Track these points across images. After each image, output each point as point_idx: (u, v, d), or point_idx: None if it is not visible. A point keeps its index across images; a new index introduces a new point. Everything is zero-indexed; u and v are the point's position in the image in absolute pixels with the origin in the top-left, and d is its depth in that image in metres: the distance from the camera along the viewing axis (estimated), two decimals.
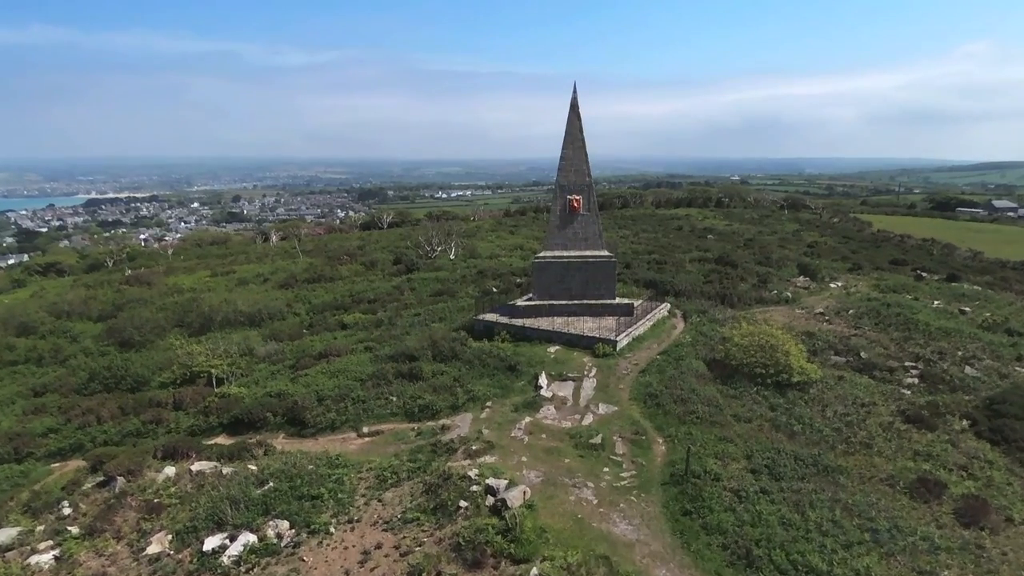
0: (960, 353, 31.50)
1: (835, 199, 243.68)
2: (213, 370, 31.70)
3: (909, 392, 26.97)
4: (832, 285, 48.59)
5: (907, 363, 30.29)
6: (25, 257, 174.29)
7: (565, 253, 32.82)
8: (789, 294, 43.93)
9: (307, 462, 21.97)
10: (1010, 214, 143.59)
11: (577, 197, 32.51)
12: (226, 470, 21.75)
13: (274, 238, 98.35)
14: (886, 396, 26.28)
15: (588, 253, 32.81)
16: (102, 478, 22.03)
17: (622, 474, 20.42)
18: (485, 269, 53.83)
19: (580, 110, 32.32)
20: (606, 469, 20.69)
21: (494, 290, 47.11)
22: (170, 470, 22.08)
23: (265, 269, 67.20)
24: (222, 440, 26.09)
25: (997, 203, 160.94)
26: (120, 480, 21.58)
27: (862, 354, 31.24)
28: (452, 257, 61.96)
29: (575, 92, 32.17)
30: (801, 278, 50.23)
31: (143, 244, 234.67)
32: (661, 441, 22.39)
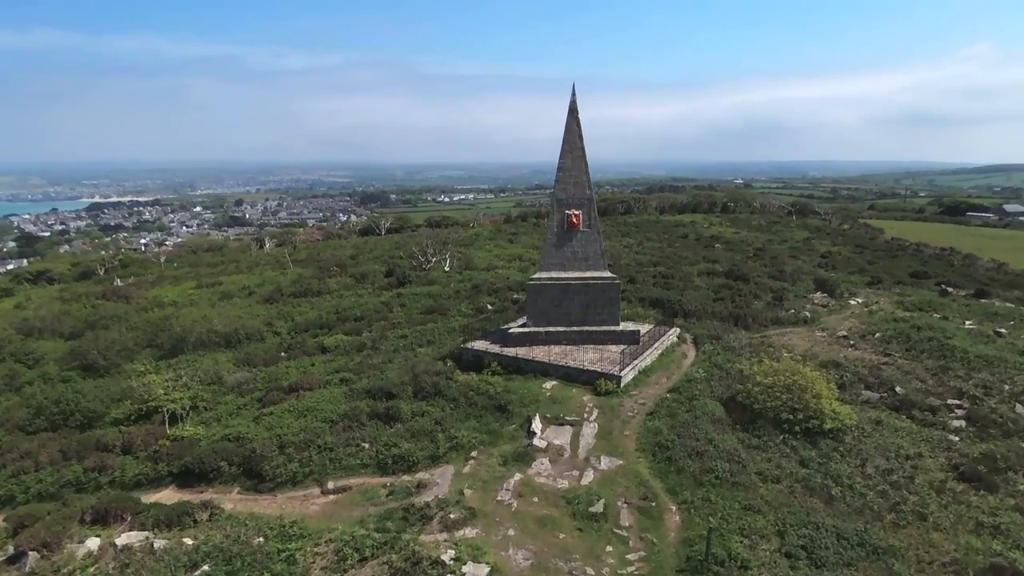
0: (1007, 387, 27.81)
1: (840, 203, 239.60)
2: (172, 405, 28.23)
3: (958, 439, 23.32)
4: (852, 302, 44.91)
5: (950, 400, 26.62)
6: (24, 262, 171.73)
7: (563, 274, 29.27)
8: (807, 313, 40.24)
9: (256, 533, 18.46)
10: (1022, 219, 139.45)
11: (576, 212, 28.95)
12: (158, 543, 18.23)
13: (268, 245, 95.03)
14: (932, 445, 22.64)
15: (589, 274, 29.24)
16: (12, 552, 18.57)
17: (628, 555, 16.86)
18: (481, 283, 50.27)
19: (580, 114, 28.80)
20: (609, 548, 17.13)
21: (489, 308, 43.59)
22: (93, 542, 18.58)
23: (252, 281, 63.76)
24: (168, 495, 22.61)
25: (1008, 207, 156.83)
26: (32, 556, 18.11)
27: (897, 389, 27.60)
28: (447, 269, 58.46)
29: (574, 95, 28.64)
30: (818, 294, 46.53)
31: (143, 249, 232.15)
32: (674, 509, 18.79)
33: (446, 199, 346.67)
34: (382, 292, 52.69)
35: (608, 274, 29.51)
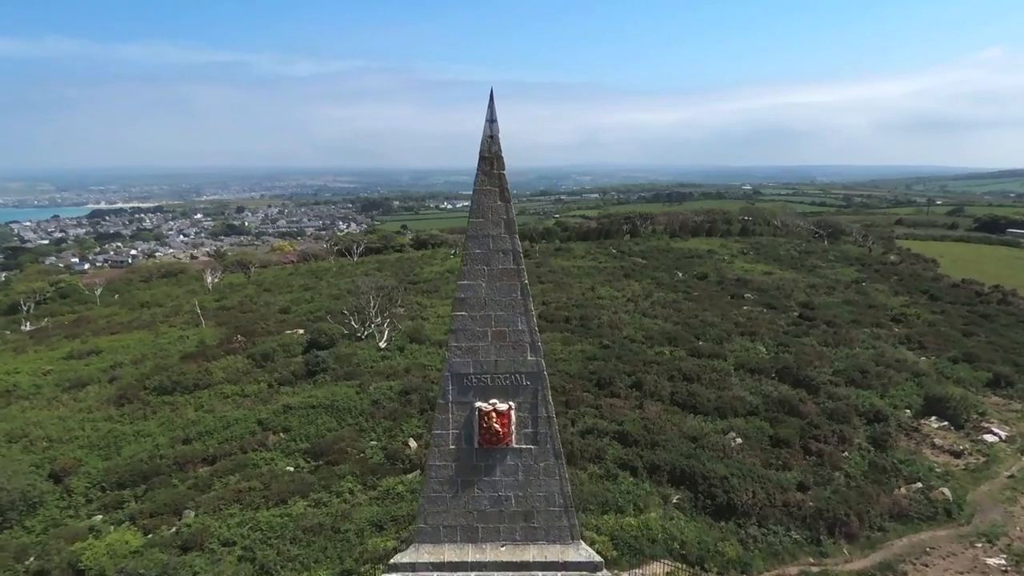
0: None
1: (856, 209, 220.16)
2: None
3: None
4: (991, 438, 27.02)
5: None
6: (2, 276, 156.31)
7: (470, 557, 11.67)
8: (946, 490, 22.31)
9: None
10: None
11: (504, 406, 11.30)
12: None
13: (210, 278, 77.88)
14: None
15: (534, 557, 11.61)
16: None
17: None
18: (415, 387, 32.52)
19: (503, 164, 11.16)
20: None
21: (410, 447, 26.12)
22: None
23: (134, 352, 46.67)
24: None
25: None
26: None
27: None
28: (382, 345, 41.04)
29: (492, 118, 10.92)
30: (933, 420, 28.63)
31: (131, 261, 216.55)
32: None
33: (449, 206, 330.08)
34: (278, 391, 35.30)
35: (584, 555, 11.81)
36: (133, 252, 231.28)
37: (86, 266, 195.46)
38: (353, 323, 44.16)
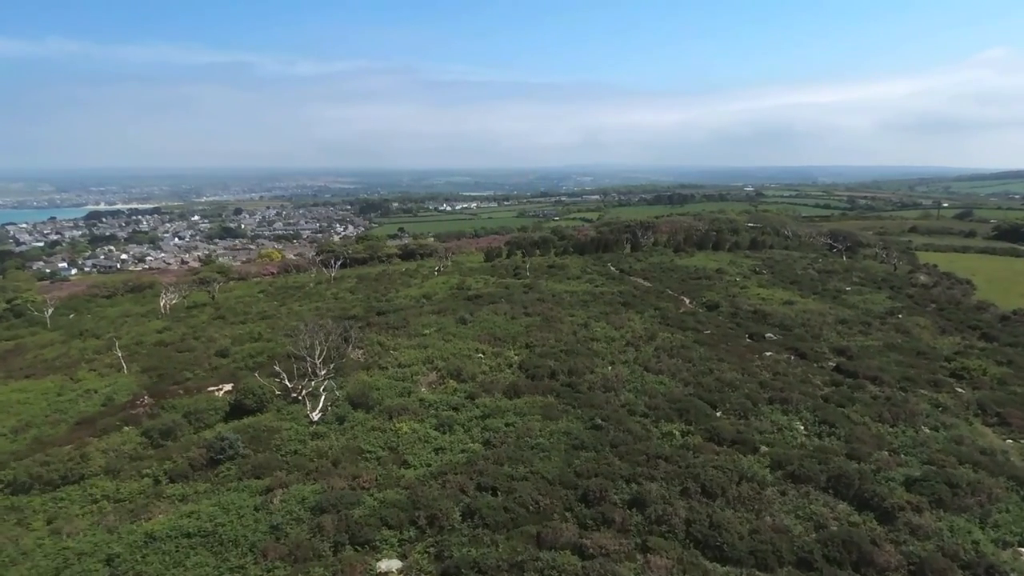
0: None
1: (861, 213, 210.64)
2: None
3: None
4: None
5: None
6: None
7: None
8: None
9: None
10: None
11: None
12: None
13: (163, 300, 68.74)
14: None
15: None
16: None
17: None
18: (334, 502, 23.34)
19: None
20: None
21: None
22: None
23: (26, 410, 37.58)
24: None
25: None
26: None
27: None
28: (314, 417, 31.89)
29: None
30: None
31: (119, 266, 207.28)
32: None
33: (448, 208, 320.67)
34: (163, 493, 26.11)
35: None
36: (124, 256, 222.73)
37: (73, 271, 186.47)
38: (286, 382, 34.90)
